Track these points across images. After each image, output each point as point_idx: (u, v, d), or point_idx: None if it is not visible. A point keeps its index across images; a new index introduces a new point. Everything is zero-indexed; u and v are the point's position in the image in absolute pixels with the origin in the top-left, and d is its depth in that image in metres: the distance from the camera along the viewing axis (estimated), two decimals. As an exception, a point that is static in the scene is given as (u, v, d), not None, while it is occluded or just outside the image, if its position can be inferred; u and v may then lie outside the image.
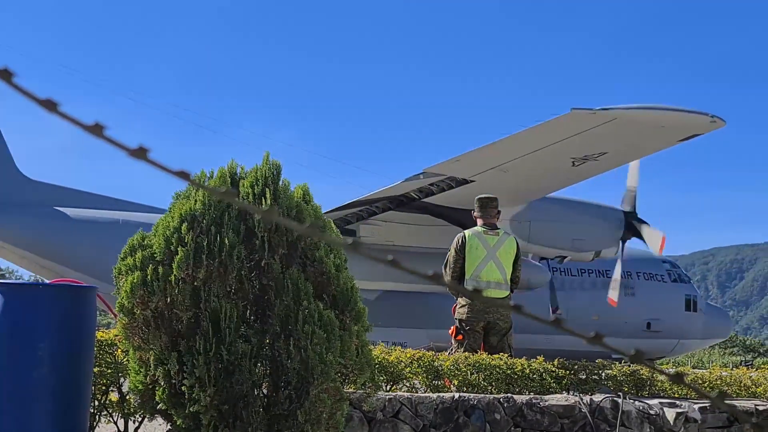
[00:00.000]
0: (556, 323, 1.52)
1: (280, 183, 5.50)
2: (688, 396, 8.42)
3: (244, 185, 5.40)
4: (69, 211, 18.48)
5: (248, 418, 5.03)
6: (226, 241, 5.08)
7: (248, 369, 5.02)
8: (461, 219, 16.46)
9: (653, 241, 18.08)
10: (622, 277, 19.21)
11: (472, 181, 15.60)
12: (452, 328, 10.07)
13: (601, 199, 18.39)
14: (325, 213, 20.01)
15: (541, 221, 16.79)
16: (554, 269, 19.76)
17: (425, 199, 16.52)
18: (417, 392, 7.63)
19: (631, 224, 18.03)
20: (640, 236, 18.31)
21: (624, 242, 18.18)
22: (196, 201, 5.27)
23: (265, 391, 5.24)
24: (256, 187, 5.37)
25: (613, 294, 18.60)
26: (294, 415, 5.10)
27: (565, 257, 17.77)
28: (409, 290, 17.60)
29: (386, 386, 7.58)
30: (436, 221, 17.15)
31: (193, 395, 4.97)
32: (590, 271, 20.82)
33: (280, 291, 5.17)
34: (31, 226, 17.96)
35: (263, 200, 5.30)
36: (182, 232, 5.16)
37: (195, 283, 5.09)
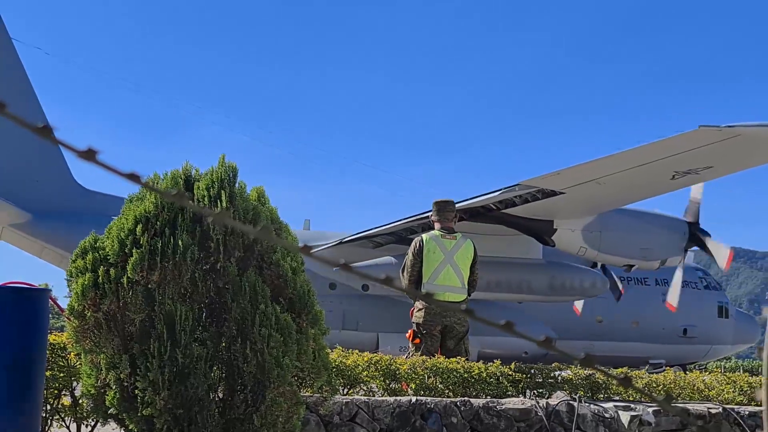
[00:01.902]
0: (507, 328, 1.53)
1: (236, 185, 5.46)
2: (643, 399, 8.49)
3: (199, 188, 5.36)
4: None
5: (203, 422, 4.99)
6: (180, 243, 5.04)
7: (203, 372, 4.98)
8: (536, 228, 16.85)
9: (719, 255, 18.56)
10: (658, 284, 19.84)
11: (562, 193, 15.76)
12: (409, 331, 10.08)
13: (643, 206, 18.67)
14: (397, 222, 19.88)
15: (612, 231, 17.14)
16: None
17: (504, 210, 16.71)
18: (374, 396, 7.62)
19: (694, 235, 18.46)
20: (703, 247, 18.79)
21: (686, 252, 18.66)
22: (149, 203, 5.23)
23: (220, 394, 5.20)
24: (211, 189, 5.33)
25: (672, 299, 19.14)
26: (250, 419, 5.07)
27: (633, 266, 18.11)
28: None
29: (343, 390, 7.57)
30: (507, 231, 17.44)
31: (146, 398, 4.92)
32: (629, 279, 21.16)
33: (236, 294, 5.13)
34: (84, 233, 17.98)
35: (219, 203, 5.26)
36: (137, 234, 5.11)
37: (149, 286, 5.04)
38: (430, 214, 10.44)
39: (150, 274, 5.03)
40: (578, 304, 19.42)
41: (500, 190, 16.03)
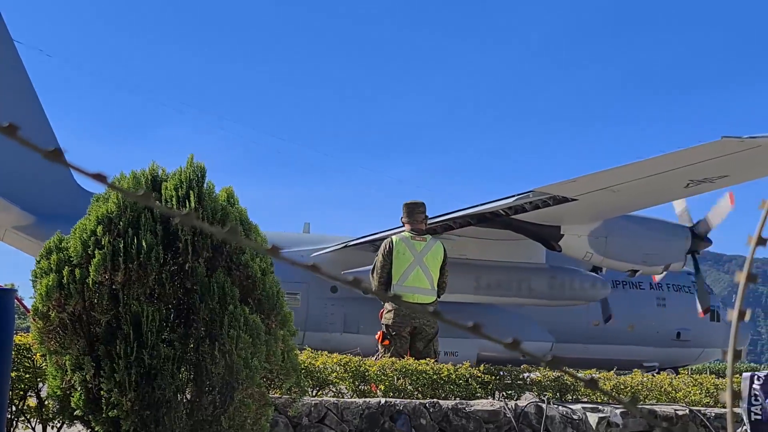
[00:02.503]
0: (475, 329, 1.52)
1: (205, 186, 5.44)
2: (611, 401, 8.53)
3: (167, 188, 5.33)
4: None
5: (170, 424, 4.95)
6: (144, 244, 5.00)
7: (171, 373, 4.95)
8: (544, 234, 17.05)
9: (700, 291, 19.37)
10: (653, 288, 20.29)
11: (574, 200, 15.91)
12: (379, 333, 10.09)
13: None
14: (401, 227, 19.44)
15: (617, 237, 17.42)
16: None
17: (513, 216, 16.84)
18: (343, 397, 7.62)
19: (695, 240, 18.80)
20: (695, 264, 19.32)
21: (689, 256, 18.98)
22: (111, 203, 5.19)
23: (188, 396, 5.17)
24: (180, 189, 5.30)
25: (701, 306, 19.87)
26: (218, 421, 5.04)
27: (637, 271, 18.39)
28: (462, 301, 18.07)
29: (312, 391, 7.55)
30: (513, 236, 17.58)
31: (112, 400, 4.88)
32: (625, 283, 21.44)
33: (204, 295, 5.10)
34: None
35: (187, 203, 5.23)
36: (98, 234, 5.08)
37: (113, 286, 5.01)
38: (401, 217, 10.45)
39: (114, 275, 4.99)
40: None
41: (514, 196, 16.18)
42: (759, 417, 6.91)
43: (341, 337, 18.11)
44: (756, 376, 7.02)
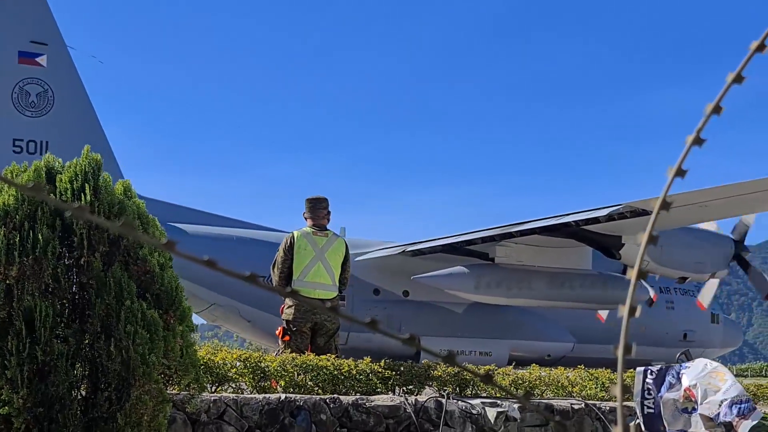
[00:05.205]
0: (371, 325, 1.52)
1: (101, 178, 5.33)
2: (508, 396, 8.66)
3: (62, 180, 5.21)
4: (185, 227, 18.40)
5: (64, 421, 4.85)
6: (40, 237, 4.89)
7: (65, 370, 4.84)
8: (606, 243, 17.59)
9: (757, 280, 20.56)
10: (662, 292, 21.86)
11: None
12: (279, 328, 10.05)
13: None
14: (498, 227, 19.55)
15: (672, 246, 17.94)
16: None
17: (584, 226, 17.12)
18: (243, 393, 7.56)
19: (739, 253, 19.71)
20: (744, 265, 20.23)
21: (740, 259, 20.00)
22: (9, 196, 5.06)
23: (83, 392, 5.07)
24: (75, 182, 5.19)
25: (704, 300, 21.71)
26: (114, 418, 4.95)
27: (686, 278, 19.21)
28: (495, 303, 18.48)
29: (211, 387, 7.48)
30: (575, 244, 18.01)
31: (3, 397, 4.75)
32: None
33: (100, 290, 5.01)
34: None
35: (83, 196, 5.12)
36: (-7, 228, 4.94)
37: (8, 281, 4.87)
38: (303, 212, 10.44)
39: (8, 270, 4.86)
40: (602, 313, 20.53)
41: (605, 208, 16.52)
42: (651, 410, 7.10)
43: (383, 338, 18.27)
44: (649, 371, 7.22)
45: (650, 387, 7.17)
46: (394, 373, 8.42)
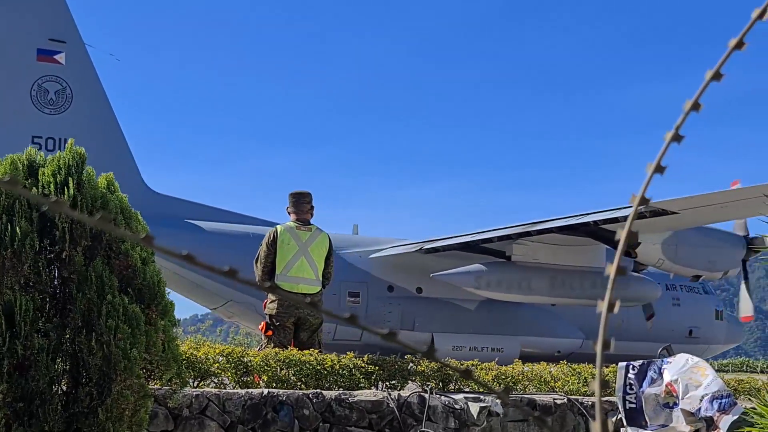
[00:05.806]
0: (351, 320, 1.52)
1: (84, 172, 5.31)
2: (489, 391, 8.66)
3: (44, 174, 5.18)
4: (202, 224, 18.59)
5: (45, 416, 4.82)
6: (18, 230, 4.86)
7: (45, 365, 4.82)
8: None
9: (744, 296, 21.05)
10: (668, 289, 22.18)
11: (674, 213, 16.54)
12: (262, 323, 10.04)
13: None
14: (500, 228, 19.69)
15: (686, 245, 18.51)
16: None
17: (603, 225, 17.38)
18: (225, 388, 7.55)
19: (749, 248, 20.06)
20: (744, 273, 20.66)
21: (744, 263, 20.36)
22: (-12, 188, 5.03)
23: (64, 387, 5.04)
24: (58, 176, 5.16)
25: (746, 311, 21.90)
26: (95, 413, 4.93)
27: (700, 276, 19.63)
28: (512, 300, 18.81)
29: (194, 382, 7.47)
30: (591, 242, 18.29)
31: (-18, 393, 4.73)
32: None
33: (82, 284, 4.98)
34: (166, 236, 17.13)
35: (66, 190, 5.10)
36: (-29, 221, 4.91)
37: (-13, 275, 4.84)
38: (287, 207, 10.43)
39: (-13, 263, 4.83)
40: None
41: (625, 207, 16.69)
42: (633, 405, 7.13)
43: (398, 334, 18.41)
44: (631, 366, 7.24)
45: (632, 382, 7.20)
46: (377, 368, 8.42)
